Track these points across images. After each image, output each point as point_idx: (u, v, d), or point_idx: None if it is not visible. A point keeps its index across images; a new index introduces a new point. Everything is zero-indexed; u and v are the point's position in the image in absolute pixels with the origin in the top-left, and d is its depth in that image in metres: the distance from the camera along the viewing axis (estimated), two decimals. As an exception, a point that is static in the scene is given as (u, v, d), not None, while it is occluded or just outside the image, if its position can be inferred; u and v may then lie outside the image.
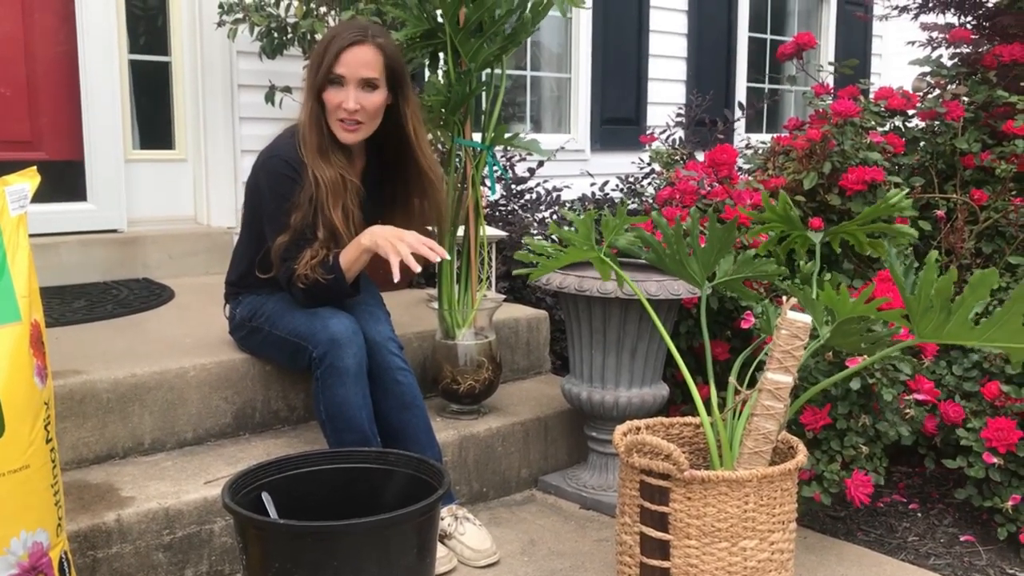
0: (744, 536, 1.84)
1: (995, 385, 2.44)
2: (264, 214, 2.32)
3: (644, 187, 4.22)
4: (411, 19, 2.55)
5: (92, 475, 2.17)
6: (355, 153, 2.40)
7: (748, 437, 1.90)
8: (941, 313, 1.76)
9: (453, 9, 2.47)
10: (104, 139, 3.43)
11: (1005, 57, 3.35)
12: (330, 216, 2.25)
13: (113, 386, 2.24)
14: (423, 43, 2.62)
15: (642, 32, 5.36)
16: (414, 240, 2.18)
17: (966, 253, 3.06)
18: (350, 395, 2.18)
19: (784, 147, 3.21)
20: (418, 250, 2.18)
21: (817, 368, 2.39)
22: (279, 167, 2.28)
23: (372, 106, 2.29)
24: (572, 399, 2.65)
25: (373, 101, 2.29)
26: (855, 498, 2.31)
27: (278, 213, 2.26)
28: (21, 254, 1.65)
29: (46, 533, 1.64)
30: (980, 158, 3.19)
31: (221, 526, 2.11)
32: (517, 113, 5.03)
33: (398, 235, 2.19)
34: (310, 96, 2.30)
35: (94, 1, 3.36)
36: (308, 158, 2.27)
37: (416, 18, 2.55)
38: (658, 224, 2.12)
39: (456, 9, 2.48)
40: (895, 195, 2.14)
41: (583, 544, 2.40)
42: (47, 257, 3.16)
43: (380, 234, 2.20)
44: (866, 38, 6.84)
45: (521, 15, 2.54)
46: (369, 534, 1.63)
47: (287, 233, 2.24)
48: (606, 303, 2.47)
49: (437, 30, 2.57)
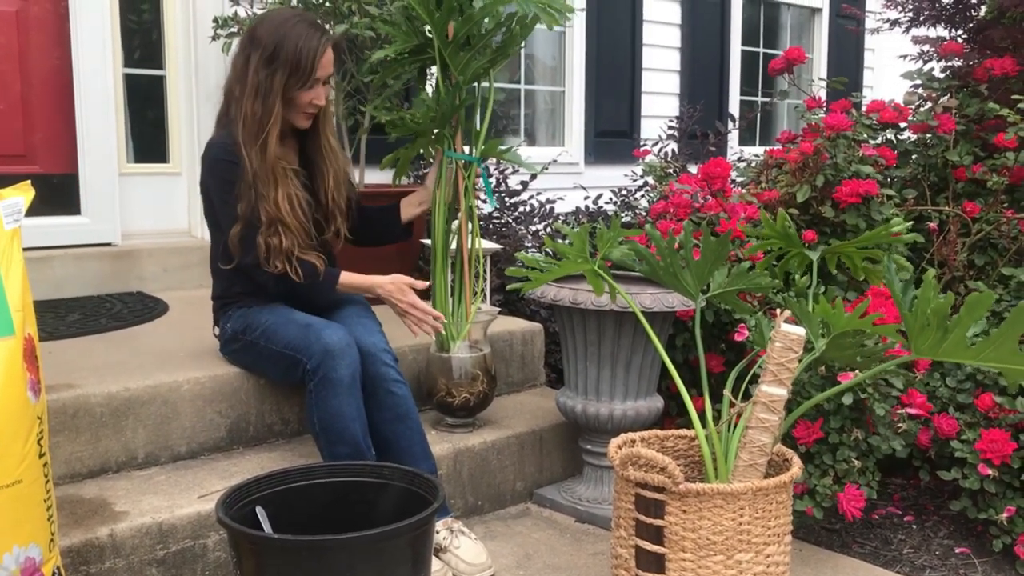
0: (739, 549, 1.84)
1: (989, 397, 2.44)
2: (216, 208, 2.37)
3: (638, 200, 4.23)
4: (400, 35, 2.58)
5: (85, 490, 2.16)
6: (287, 138, 2.45)
7: (743, 450, 1.90)
8: (938, 331, 1.77)
9: (442, 23, 2.50)
10: (98, 153, 3.43)
11: (996, 70, 3.37)
12: (271, 201, 2.29)
13: (107, 400, 2.23)
14: (411, 58, 2.66)
15: (635, 46, 5.38)
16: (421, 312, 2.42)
17: (959, 265, 3.07)
18: (344, 406, 2.18)
19: (777, 160, 3.22)
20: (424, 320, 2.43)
21: (810, 382, 2.40)
22: (219, 154, 2.34)
23: (328, 95, 2.44)
24: (567, 412, 2.64)
25: (328, 91, 2.43)
26: (847, 512, 2.31)
27: (227, 201, 2.31)
28: (15, 268, 1.64)
29: (39, 548, 1.63)
30: (972, 170, 3.20)
31: (215, 540, 2.10)
32: (511, 126, 5.04)
33: (410, 302, 2.42)
34: (275, 95, 2.31)
35: (88, 15, 3.36)
36: (245, 147, 2.30)
37: (405, 34, 2.58)
38: (652, 237, 2.13)
39: (445, 23, 2.50)
40: (897, 223, 2.15)
41: (578, 557, 2.40)
42: (41, 271, 3.15)
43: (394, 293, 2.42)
44: (858, 52, 6.87)
45: (509, 28, 2.56)
46: (363, 548, 1.62)
47: (239, 223, 2.29)
48: (600, 316, 2.48)
49: (426, 45, 2.60)
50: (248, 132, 2.30)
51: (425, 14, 2.49)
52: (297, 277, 2.32)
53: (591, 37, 5.15)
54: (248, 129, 2.30)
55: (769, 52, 6.32)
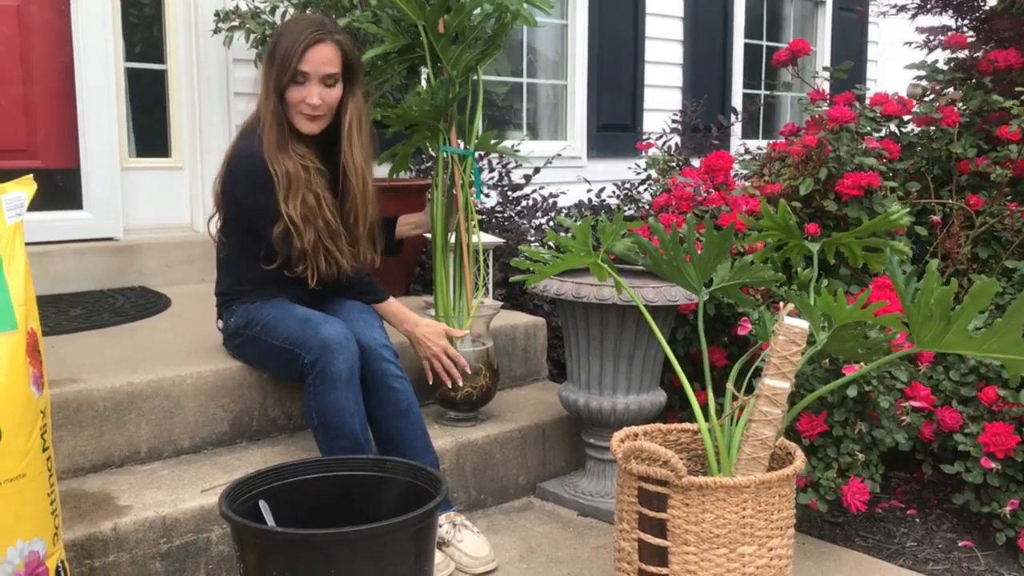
0: (742, 542, 1.84)
1: (992, 390, 2.44)
2: (253, 211, 2.34)
3: (640, 193, 4.23)
4: (388, 35, 2.58)
5: (89, 484, 2.16)
6: (311, 140, 2.43)
7: (746, 443, 1.90)
8: (941, 322, 1.76)
9: (433, 18, 2.50)
10: (100, 147, 3.42)
11: (1000, 62, 3.36)
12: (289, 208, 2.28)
13: (110, 394, 2.24)
14: (399, 58, 2.67)
15: (638, 39, 5.37)
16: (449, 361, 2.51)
17: (962, 258, 3.07)
18: (342, 400, 2.18)
19: (780, 153, 3.21)
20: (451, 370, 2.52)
21: (814, 375, 2.39)
22: (259, 165, 2.30)
23: (332, 100, 2.36)
24: (570, 406, 2.64)
25: (333, 96, 2.36)
26: (851, 505, 2.31)
27: (268, 204, 2.29)
28: (17, 262, 1.64)
29: (43, 542, 1.64)
30: (976, 163, 3.19)
31: (218, 534, 2.10)
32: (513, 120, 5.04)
33: (443, 346, 2.50)
34: (271, 94, 2.32)
35: (90, 9, 3.36)
36: (268, 154, 2.30)
37: (393, 34, 2.59)
38: (655, 230, 2.12)
39: (436, 18, 2.51)
40: (896, 211, 2.15)
41: (581, 551, 2.40)
42: (43, 265, 3.15)
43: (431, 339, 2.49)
44: (862, 44, 6.85)
45: (499, 20, 2.57)
46: (366, 542, 1.62)
47: (280, 222, 2.29)
48: (603, 309, 2.47)
49: (415, 44, 2.61)
50: (268, 143, 2.30)
51: (416, 10, 2.49)
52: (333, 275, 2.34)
53: (593, 30, 5.13)
54: (267, 140, 2.31)
55: (772, 45, 6.30)
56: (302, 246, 2.29)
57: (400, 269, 3.29)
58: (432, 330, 2.50)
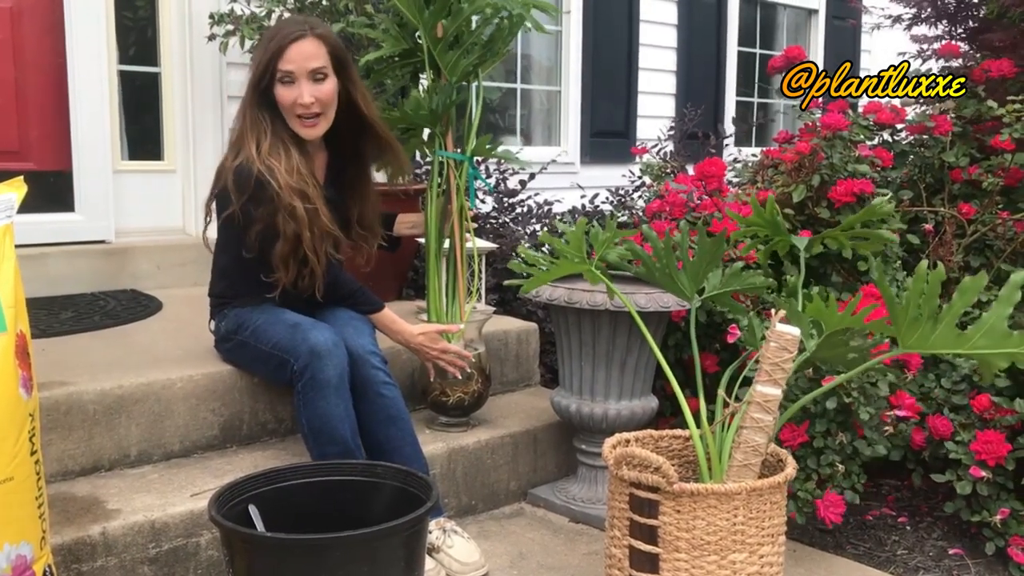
0: (733, 549, 1.84)
1: (986, 397, 2.44)
2: (244, 220, 2.28)
3: (634, 200, 4.23)
4: (388, 39, 2.58)
5: (77, 487, 2.15)
6: (314, 147, 2.42)
7: (737, 450, 1.90)
8: (928, 322, 1.76)
9: (431, 24, 2.50)
10: (93, 149, 3.41)
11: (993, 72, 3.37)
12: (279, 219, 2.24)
13: (99, 397, 2.23)
14: (401, 62, 2.67)
15: (632, 46, 5.38)
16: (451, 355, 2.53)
17: (954, 266, 3.07)
18: (331, 407, 2.17)
19: (773, 160, 3.22)
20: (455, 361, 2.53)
21: (797, 384, 2.39)
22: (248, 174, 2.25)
23: (326, 96, 2.32)
24: (561, 412, 2.64)
25: (326, 91, 2.32)
26: (826, 518, 2.31)
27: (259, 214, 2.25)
28: (7, 264, 1.63)
29: (30, 546, 1.63)
30: (968, 172, 3.20)
31: (207, 539, 2.09)
32: (507, 126, 5.04)
33: (442, 348, 2.51)
34: (254, 99, 2.29)
35: (83, 11, 3.35)
36: (259, 163, 2.25)
37: (393, 38, 2.58)
38: (648, 237, 2.12)
39: (434, 23, 2.51)
40: (880, 203, 2.15)
41: (572, 557, 2.39)
42: (34, 268, 3.14)
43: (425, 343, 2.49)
44: (855, 53, 6.88)
45: (498, 26, 2.56)
46: (356, 547, 1.62)
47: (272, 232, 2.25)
48: (596, 316, 2.47)
49: (415, 49, 2.61)
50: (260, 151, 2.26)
51: (415, 14, 2.49)
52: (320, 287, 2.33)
53: (587, 37, 5.14)
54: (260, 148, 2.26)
55: (766, 53, 6.32)
56: (290, 254, 2.26)
57: (393, 272, 3.28)
58: (426, 337, 2.50)
